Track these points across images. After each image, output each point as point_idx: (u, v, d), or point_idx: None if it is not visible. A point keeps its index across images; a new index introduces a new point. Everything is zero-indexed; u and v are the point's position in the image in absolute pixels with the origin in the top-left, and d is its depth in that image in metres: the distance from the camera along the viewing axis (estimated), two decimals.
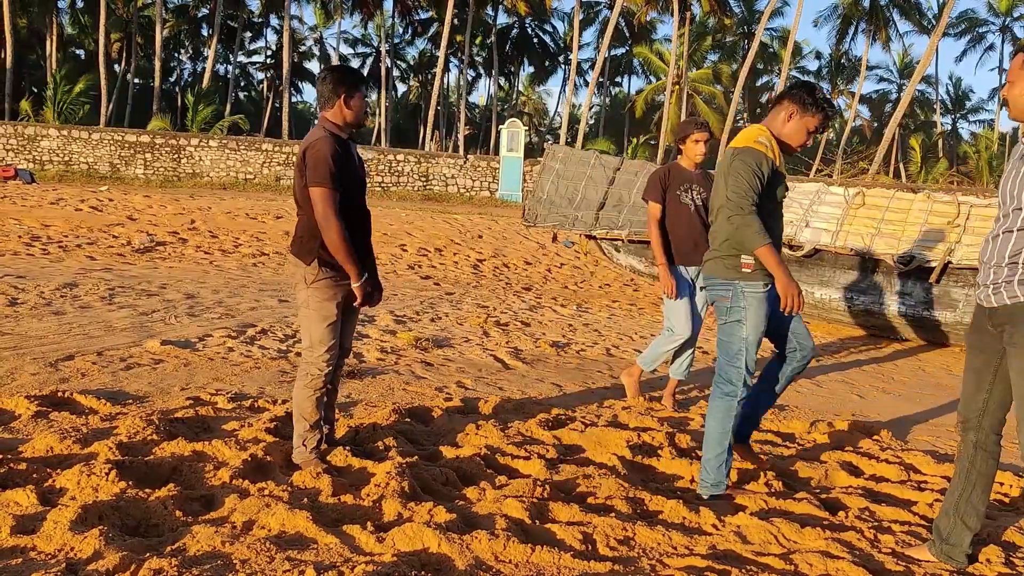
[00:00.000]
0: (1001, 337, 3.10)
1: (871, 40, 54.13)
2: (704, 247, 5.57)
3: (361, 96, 4.02)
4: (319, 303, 3.96)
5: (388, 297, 10.30)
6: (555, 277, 14.16)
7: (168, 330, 7.17)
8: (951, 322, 8.96)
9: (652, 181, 5.76)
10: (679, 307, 5.68)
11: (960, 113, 70.84)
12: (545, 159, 11.56)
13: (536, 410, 5.38)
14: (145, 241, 13.77)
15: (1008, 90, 3.06)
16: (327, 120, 3.98)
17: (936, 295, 8.96)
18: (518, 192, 32.35)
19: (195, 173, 31.46)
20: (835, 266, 9.57)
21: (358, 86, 4.02)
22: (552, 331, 8.74)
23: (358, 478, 3.88)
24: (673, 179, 5.68)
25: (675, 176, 5.68)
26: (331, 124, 3.97)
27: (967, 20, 59.48)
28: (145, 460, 3.82)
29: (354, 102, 3.99)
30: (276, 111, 55.54)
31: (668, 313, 5.75)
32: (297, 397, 4.04)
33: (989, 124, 68.70)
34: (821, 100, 3.98)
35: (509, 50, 59.33)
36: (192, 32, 54.98)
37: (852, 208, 9.67)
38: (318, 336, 3.99)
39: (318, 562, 2.91)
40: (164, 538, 3.09)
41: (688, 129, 5.67)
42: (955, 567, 3.31)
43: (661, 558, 3.18)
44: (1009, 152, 42.92)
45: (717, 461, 3.96)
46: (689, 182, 5.66)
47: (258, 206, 19.25)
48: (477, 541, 3.11)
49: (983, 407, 3.26)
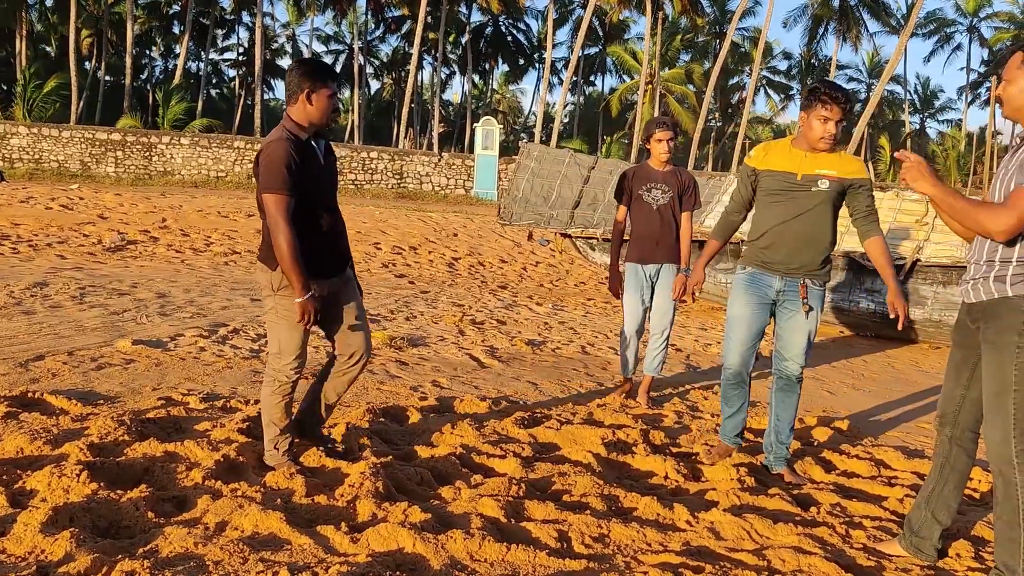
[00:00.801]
0: (978, 333, 3.14)
1: (841, 40, 54.65)
2: (666, 245, 5.67)
3: (327, 93, 3.75)
4: (286, 310, 3.83)
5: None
6: (531, 275, 14.18)
7: (139, 329, 7.10)
8: (920, 319, 9.06)
9: (619, 181, 5.95)
10: (624, 305, 5.88)
11: (928, 112, 71.67)
12: (520, 157, 11.58)
13: (512, 408, 5.38)
14: (116, 240, 13.63)
15: (1003, 88, 3.08)
16: (289, 118, 3.77)
17: (905, 292, 9.06)
18: (493, 190, 32.35)
19: (166, 171, 31.19)
20: None
21: (324, 81, 3.74)
22: (528, 329, 8.75)
23: (332, 478, 3.87)
24: (637, 179, 5.79)
25: (639, 176, 5.79)
26: (292, 123, 3.75)
27: (935, 20, 60.18)
28: (117, 461, 3.78)
29: (317, 98, 3.73)
30: (248, 108, 55.15)
31: (625, 316, 5.96)
32: (265, 403, 3.98)
33: (956, 123, 69.68)
34: (815, 90, 4.14)
35: (483, 48, 59.27)
36: (163, 29, 54.45)
37: None
38: (285, 343, 3.89)
39: (292, 563, 2.89)
40: (136, 540, 3.06)
41: (651, 128, 5.75)
42: (923, 560, 3.35)
43: (636, 555, 3.20)
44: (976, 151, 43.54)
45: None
46: (653, 181, 5.74)
47: (230, 204, 19.11)
48: (452, 540, 3.11)
49: (960, 403, 3.30)
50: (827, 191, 4.18)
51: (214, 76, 61.51)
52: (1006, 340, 3.00)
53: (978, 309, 3.13)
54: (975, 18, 59.01)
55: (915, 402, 6.62)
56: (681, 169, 5.86)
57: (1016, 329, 2.98)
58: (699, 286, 4.80)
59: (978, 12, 58.43)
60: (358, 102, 54.89)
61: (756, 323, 4.42)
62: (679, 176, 5.77)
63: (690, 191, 5.76)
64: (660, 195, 5.69)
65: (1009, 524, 3.04)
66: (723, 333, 4.63)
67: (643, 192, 5.72)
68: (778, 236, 4.28)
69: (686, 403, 6.07)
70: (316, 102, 3.74)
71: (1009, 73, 3.05)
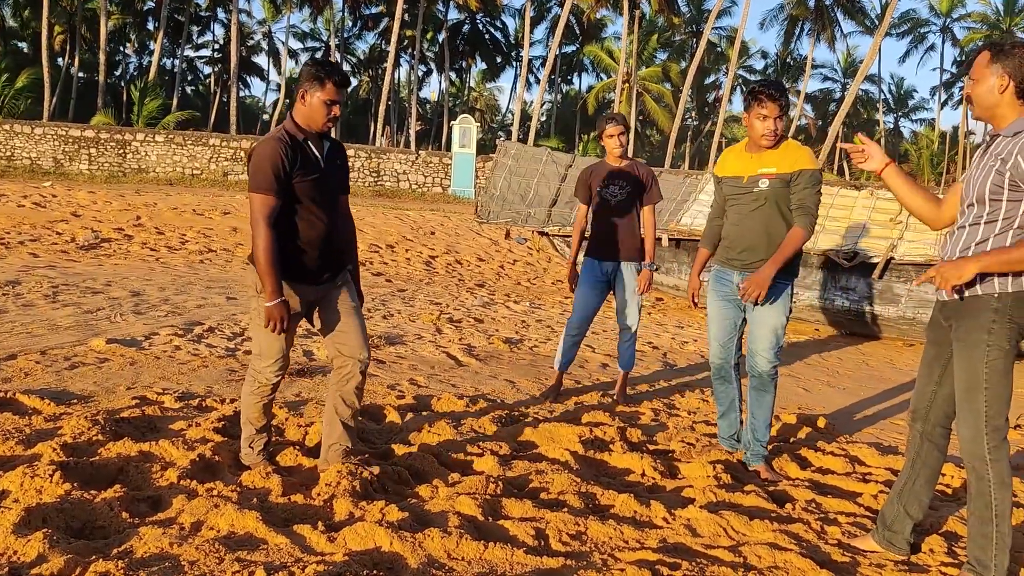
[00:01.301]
0: (950, 330, 3.18)
1: (816, 40, 55.01)
2: (625, 242, 5.72)
3: (322, 98, 3.61)
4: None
5: None
6: (508, 274, 14.18)
7: (113, 328, 7.04)
8: (894, 316, 9.15)
9: (578, 181, 6.01)
10: (576, 297, 5.92)
11: (902, 112, 72.35)
12: (497, 156, 11.58)
13: (489, 407, 5.38)
14: (90, 238, 13.51)
15: (972, 87, 3.10)
16: (290, 117, 3.70)
17: (879, 290, 9.15)
18: (471, 188, 32.30)
19: (141, 169, 30.90)
20: None
21: (322, 84, 3.61)
22: (505, 327, 8.75)
23: (308, 477, 3.85)
24: (595, 176, 5.84)
25: (597, 173, 5.85)
26: (291, 122, 3.68)
27: (909, 21, 60.73)
28: (90, 461, 3.75)
29: (310, 100, 3.62)
30: (224, 105, 54.77)
31: (574, 309, 6.00)
32: (244, 401, 3.95)
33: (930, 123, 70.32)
34: (752, 90, 4.30)
35: (460, 46, 59.16)
36: (138, 25, 53.93)
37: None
38: (266, 346, 3.84)
39: (268, 562, 2.88)
40: (110, 540, 3.04)
41: (602, 125, 5.79)
42: (896, 554, 3.38)
43: (613, 552, 3.21)
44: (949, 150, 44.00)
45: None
46: (611, 177, 5.78)
47: (205, 202, 18.98)
48: (430, 539, 3.11)
49: (931, 399, 3.34)
50: (768, 190, 4.31)
51: (189, 73, 61.03)
52: (976, 338, 3.04)
53: (950, 307, 3.17)
54: (948, 19, 59.60)
55: (889, 399, 6.68)
56: (639, 163, 5.91)
57: (986, 327, 3.01)
58: (697, 293, 4.85)
59: (951, 13, 59.02)
60: None
61: (726, 317, 4.60)
62: (637, 170, 5.81)
63: (650, 184, 5.81)
64: (618, 191, 5.73)
65: (981, 520, 3.08)
66: (699, 332, 4.70)
67: (601, 189, 5.77)
68: (734, 234, 4.48)
69: (663, 401, 6.09)
70: (310, 103, 3.64)
71: (977, 72, 3.08)
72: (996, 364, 3.02)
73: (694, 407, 5.96)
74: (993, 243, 3.02)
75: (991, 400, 3.02)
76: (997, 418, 3.03)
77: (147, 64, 52.77)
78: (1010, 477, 3.08)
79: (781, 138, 4.33)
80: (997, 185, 2.98)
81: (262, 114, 66.98)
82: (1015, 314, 3.00)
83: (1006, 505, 3.06)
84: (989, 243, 3.02)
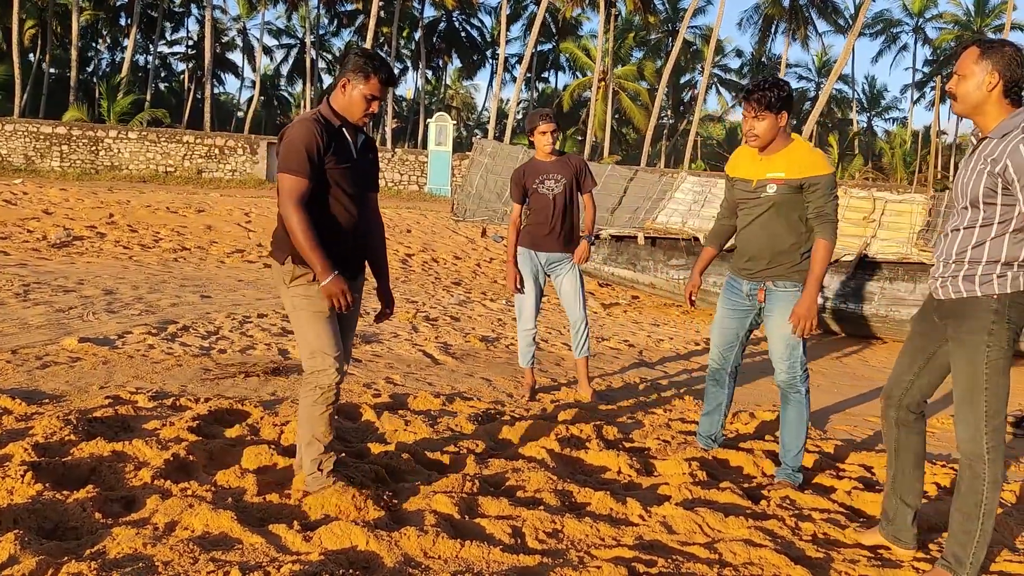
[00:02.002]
0: (946, 330, 3.18)
1: (791, 39, 55.40)
2: (562, 234, 5.76)
3: (364, 92, 3.46)
4: (306, 300, 3.49)
5: None
6: (484, 272, 14.17)
7: (86, 327, 6.97)
8: (867, 314, 9.23)
9: (512, 182, 5.99)
10: (522, 300, 5.96)
11: (875, 111, 72.95)
12: (474, 154, 11.57)
13: (465, 405, 5.38)
14: (61, 235, 13.37)
15: (957, 84, 3.04)
16: (327, 102, 3.52)
17: (852, 288, 9.22)
18: (447, 186, 32.24)
19: (113, 166, 30.62)
20: None
21: (366, 78, 3.44)
22: (482, 326, 8.75)
23: (283, 476, 3.83)
24: (529, 175, 5.86)
25: (530, 172, 5.87)
26: (328, 108, 3.50)
27: (882, 21, 61.28)
28: (62, 461, 3.72)
29: (351, 91, 3.47)
30: (198, 102, 54.35)
31: (518, 309, 6.03)
32: (305, 415, 3.55)
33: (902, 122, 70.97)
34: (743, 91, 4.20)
35: (436, 43, 59.04)
36: (110, 21, 53.39)
37: None
38: (315, 339, 3.49)
39: (243, 562, 2.86)
40: (83, 541, 3.01)
41: (535, 121, 5.81)
42: (903, 548, 3.40)
43: (589, 550, 3.22)
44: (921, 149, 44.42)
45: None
46: (545, 173, 5.83)
47: (179, 200, 18.82)
48: (406, 538, 3.10)
49: (907, 388, 3.36)
50: (774, 195, 4.13)
51: (163, 69, 60.48)
52: (976, 340, 3.04)
53: (947, 307, 3.15)
54: (920, 19, 60.21)
55: (862, 396, 6.73)
56: (570, 155, 5.97)
57: (986, 328, 3.01)
58: (696, 291, 4.71)
59: (923, 13, 59.62)
60: (310, 97, 54.37)
61: (729, 327, 4.49)
62: (569, 162, 5.88)
63: (584, 173, 5.88)
64: (554, 184, 5.79)
65: (967, 516, 3.08)
66: (675, 330, 4.67)
67: (537, 185, 5.81)
68: (742, 241, 4.33)
69: (639, 398, 6.11)
70: (350, 95, 3.48)
71: (964, 68, 3.02)
72: (996, 364, 3.02)
73: (670, 405, 5.99)
74: (990, 247, 3.00)
75: (991, 400, 3.03)
76: (996, 417, 3.04)
77: (120, 60, 52.30)
78: (1003, 477, 3.11)
79: (787, 140, 4.14)
80: (990, 188, 2.95)
81: (237, 111, 66.42)
82: (1012, 314, 3.01)
83: (994, 504, 3.07)
84: (986, 247, 3.01)
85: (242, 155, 31.67)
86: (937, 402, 6.56)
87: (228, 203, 18.82)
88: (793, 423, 4.33)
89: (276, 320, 7.98)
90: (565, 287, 5.95)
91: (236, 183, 29.73)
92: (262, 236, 15.38)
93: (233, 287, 10.20)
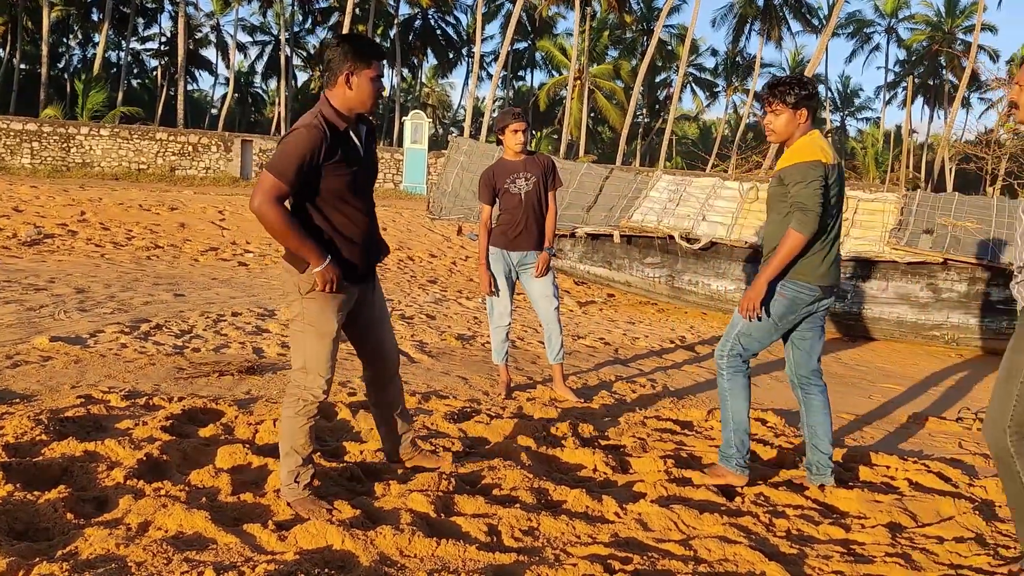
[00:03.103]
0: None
1: (765, 39, 55.75)
2: (533, 232, 5.77)
3: (371, 75, 3.34)
4: (316, 316, 3.41)
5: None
6: (460, 270, 14.16)
7: (57, 326, 6.90)
8: (840, 312, 9.30)
9: (481, 183, 5.94)
10: (497, 301, 5.95)
11: (848, 111, 73.63)
12: (449, 152, 11.55)
13: (441, 403, 5.37)
14: (32, 233, 13.23)
15: (1019, 94, 3.01)
16: (327, 102, 3.36)
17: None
18: (422, 184, 32.16)
19: (85, 163, 30.28)
20: (731, 258, 9.84)
21: (368, 62, 3.33)
22: (458, 324, 8.74)
23: (258, 476, 3.81)
24: (499, 175, 5.86)
25: (500, 172, 5.87)
26: (330, 109, 3.35)
27: (855, 21, 61.83)
28: (34, 461, 3.68)
29: (359, 81, 3.33)
30: (171, 99, 53.87)
31: (489, 306, 6.02)
32: (286, 426, 3.48)
33: (875, 122, 71.65)
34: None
35: (412, 41, 58.88)
36: (82, 17, 52.80)
37: (747, 202, 9.95)
38: (314, 356, 3.44)
39: (218, 562, 2.85)
40: (55, 542, 2.98)
41: (506, 120, 5.82)
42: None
43: (565, 547, 3.22)
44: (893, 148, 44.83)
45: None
46: (515, 172, 5.84)
47: (152, 197, 18.66)
48: (382, 536, 3.10)
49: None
50: (768, 191, 4.16)
51: (135, 66, 59.88)
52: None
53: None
54: (893, 19, 60.80)
55: (835, 392, 6.78)
56: (539, 154, 5.99)
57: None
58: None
59: (896, 13, 60.21)
60: (284, 94, 54.07)
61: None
62: (539, 160, 5.90)
63: (552, 172, 5.92)
64: (524, 183, 5.81)
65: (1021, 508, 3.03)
66: (650, 328, 4.65)
67: (508, 184, 5.82)
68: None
69: (614, 396, 6.13)
70: (358, 85, 3.34)
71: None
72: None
73: (645, 402, 6.01)
74: None
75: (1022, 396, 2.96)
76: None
77: (91, 56, 51.68)
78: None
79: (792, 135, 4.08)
80: None
81: (210, 108, 65.92)
82: None
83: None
84: None
85: (216, 153, 31.43)
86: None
87: (202, 201, 18.68)
88: (724, 411, 4.25)
89: (250, 319, 7.94)
90: (536, 289, 5.93)
91: (210, 181, 29.51)
92: (236, 234, 15.28)
93: (207, 285, 10.13)
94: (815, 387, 4.29)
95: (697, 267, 10.00)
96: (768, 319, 4.11)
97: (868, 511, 3.89)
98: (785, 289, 4.06)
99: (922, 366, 8.23)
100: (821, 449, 4.21)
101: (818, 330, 4.26)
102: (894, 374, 7.78)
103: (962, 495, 4.15)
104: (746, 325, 4.15)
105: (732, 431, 4.20)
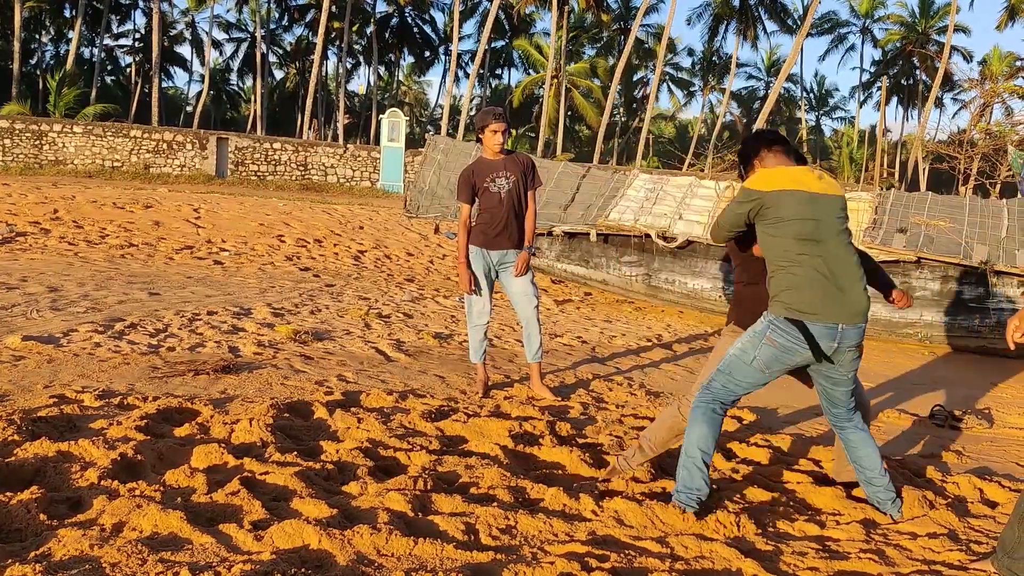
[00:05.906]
0: None
1: (741, 39, 56.05)
2: (513, 231, 5.79)
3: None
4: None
5: (265, 289, 10.09)
6: (437, 268, 14.14)
7: (30, 325, 6.83)
8: None
9: (460, 182, 5.94)
10: (475, 300, 5.98)
11: (823, 110, 74.16)
12: (427, 150, 11.53)
13: (418, 402, 5.37)
14: (4, 231, 13.08)
15: None
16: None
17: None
18: (400, 183, 32.11)
19: (58, 160, 29.97)
20: (707, 257, 9.89)
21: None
22: (435, 322, 8.73)
23: (234, 475, 3.78)
24: (479, 174, 5.87)
25: (480, 171, 5.88)
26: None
27: (830, 21, 62.26)
28: (6, 462, 3.63)
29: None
30: (145, 96, 53.44)
31: (468, 305, 6.05)
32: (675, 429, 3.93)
33: (850, 121, 72.20)
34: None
35: (389, 39, 58.74)
36: (54, 12, 52.22)
37: (723, 201, 10.00)
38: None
39: (193, 563, 2.83)
40: (27, 543, 2.95)
41: (486, 120, 5.82)
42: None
43: (542, 545, 3.23)
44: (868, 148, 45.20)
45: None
46: (495, 171, 5.85)
47: (126, 195, 18.48)
48: (359, 536, 3.09)
49: None
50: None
51: (109, 63, 59.31)
52: None
53: None
54: (868, 19, 61.29)
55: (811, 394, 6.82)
56: (518, 153, 6.01)
57: None
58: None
59: (871, 14, 60.70)
60: (260, 92, 53.77)
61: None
62: (517, 159, 5.92)
63: (531, 171, 5.94)
64: (504, 182, 5.83)
65: None
66: (627, 326, 4.65)
67: (488, 184, 5.83)
68: None
69: (591, 394, 6.14)
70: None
71: None
72: None
73: (622, 401, 6.03)
74: None
75: None
76: None
77: (64, 53, 51.14)
78: None
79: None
80: None
81: (185, 106, 65.38)
82: None
83: None
84: None
85: (191, 150, 31.20)
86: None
87: (177, 199, 18.53)
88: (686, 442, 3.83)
89: (226, 317, 7.89)
90: (515, 288, 5.95)
91: (185, 179, 29.29)
92: (211, 232, 15.18)
93: (182, 284, 10.06)
94: (849, 424, 3.93)
95: (674, 265, 10.05)
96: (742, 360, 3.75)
97: (843, 508, 3.93)
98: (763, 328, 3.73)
99: (896, 363, 8.31)
100: (875, 484, 3.88)
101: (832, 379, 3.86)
102: (869, 372, 7.84)
103: (935, 491, 4.19)
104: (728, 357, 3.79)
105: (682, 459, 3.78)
